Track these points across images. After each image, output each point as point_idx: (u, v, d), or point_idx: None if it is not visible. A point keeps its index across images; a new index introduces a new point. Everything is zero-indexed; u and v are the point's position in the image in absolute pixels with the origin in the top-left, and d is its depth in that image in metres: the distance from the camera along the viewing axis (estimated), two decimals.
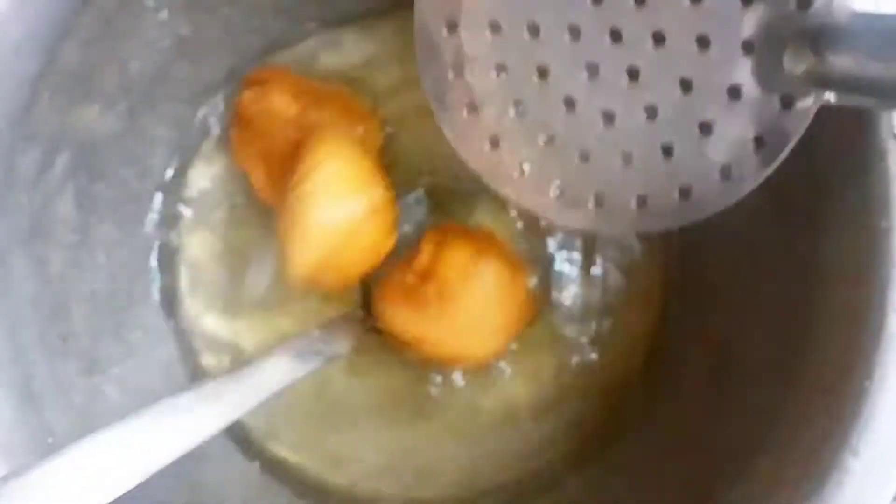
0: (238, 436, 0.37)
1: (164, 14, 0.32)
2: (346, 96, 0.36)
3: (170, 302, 0.38)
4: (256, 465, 0.37)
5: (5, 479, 0.20)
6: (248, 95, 0.34)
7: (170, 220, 0.38)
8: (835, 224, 0.26)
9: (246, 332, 0.37)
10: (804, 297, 0.26)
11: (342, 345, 0.33)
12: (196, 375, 0.37)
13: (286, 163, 0.33)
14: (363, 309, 0.35)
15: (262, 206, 0.36)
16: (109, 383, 0.34)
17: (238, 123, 0.35)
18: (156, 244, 0.38)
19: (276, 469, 0.37)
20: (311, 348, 0.31)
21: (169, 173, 0.37)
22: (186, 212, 0.38)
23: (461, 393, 0.36)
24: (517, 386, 0.36)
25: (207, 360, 0.37)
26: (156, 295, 0.37)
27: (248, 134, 0.35)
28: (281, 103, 0.34)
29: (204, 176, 0.38)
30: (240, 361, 0.29)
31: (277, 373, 0.29)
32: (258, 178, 0.35)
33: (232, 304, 0.37)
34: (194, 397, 0.25)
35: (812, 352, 0.25)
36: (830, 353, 0.24)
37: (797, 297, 0.27)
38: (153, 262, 0.37)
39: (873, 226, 0.24)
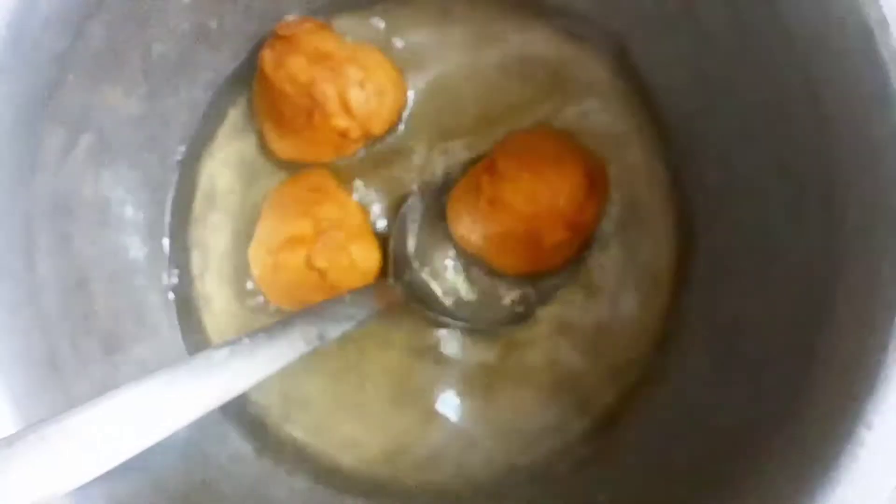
0: (253, 418, 0.37)
1: None
2: (373, 59, 0.36)
3: (185, 285, 0.38)
4: (271, 447, 0.37)
5: (22, 433, 0.20)
6: (268, 54, 0.35)
7: (186, 204, 0.38)
8: (850, 206, 0.26)
9: (259, 316, 0.37)
10: (819, 278, 0.26)
11: (373, 309, 0.33)
12: None
13: (293, 123, 0.35)
14: (394, 278, 0.36)
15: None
16: (129, 363, 0.34)
17: (258, 77, 0.36)
18: (172, 227, 0.38)
19: (290, 451, 0.37)
20: (343, 311, 0.32)
21: (187, 158, 0.38)
22: (202, 197, 0.38)
23: (475, 376, 0.37)
24: (528, 370, 0.36)
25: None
26: (172, 278, 0.38)
27: (265, 88, 0.36)
28: (297, 68, 0.34)
29: (220, 161, 0.38)
30: (275, 321, 0.29)
31: (309, 332, 0.29)
32: (268, 129, 0.37)
33: (244, 288, 0.38)
34: (229, 353, 0.25)
35: (826, 329, 0.25)
36: (845, 330, 0.24)
37: (812, 278, 0.27)
38: (169, 245, 0.38)
39: (889, 206, 0.24)
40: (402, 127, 0.37)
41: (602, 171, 0.36)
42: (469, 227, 0.35)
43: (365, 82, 0.35)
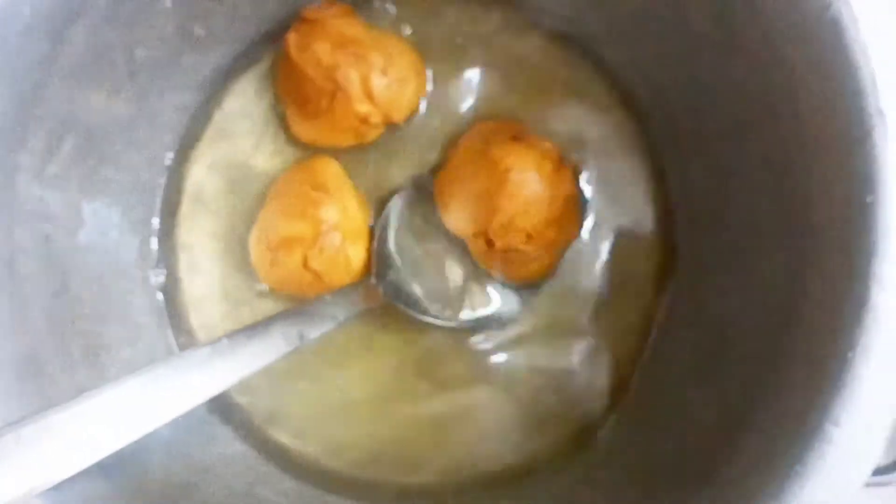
0: (240, 421, 0.37)
1: (168, 1, 0.33)
2: (397, 47, 0.36)
3: (172, 288, 0.38)
4: (258, 450, 0.37)
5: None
6: (293, 37, 0.36)
7: (172, 206, 0.38)
8: (823, 199, 0.26)
9: (249, 315, 0.38)
10: (794, 273, 0.27)
11: (355, 309, 0.34)
12: None
13: (315, 106, 0.35)
14: (376, 278, 0.36)
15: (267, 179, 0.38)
16: (115, 366, 0.35)
17: (282, 58, 0.37)
18: (158, 230, 0.38)
19: (277, 454, 0.37)
20: (324, 311, 0.32)
21: (173, 160, 0.38)
22: (189, 199, 0.38)
23: (459, 377, 0.37)
24: (512, 371, 0.37)
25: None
26: (159, 280, 0.38)
27: (289, 72, 0.36)
28: (321, 52, 0.35)
29: (207, 163, 0.38)
30: (255, 321, 0.29)
31: (290, 332, 0.29)
32: (291, 112, 0.37)
33: (232, 290, 0.38)
34: (210, 352, 0.25)
35: (798, 325, 0.25)
36: (815, 326, 0.25)
37: (788, 273, 0.27)
38: (156, 248, 0.38)
39: (859, 200, 0.24)
40: (421, 115, 0.38)
41: (518, 128, 0.36)
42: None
43: (387, 69, 0.35)
